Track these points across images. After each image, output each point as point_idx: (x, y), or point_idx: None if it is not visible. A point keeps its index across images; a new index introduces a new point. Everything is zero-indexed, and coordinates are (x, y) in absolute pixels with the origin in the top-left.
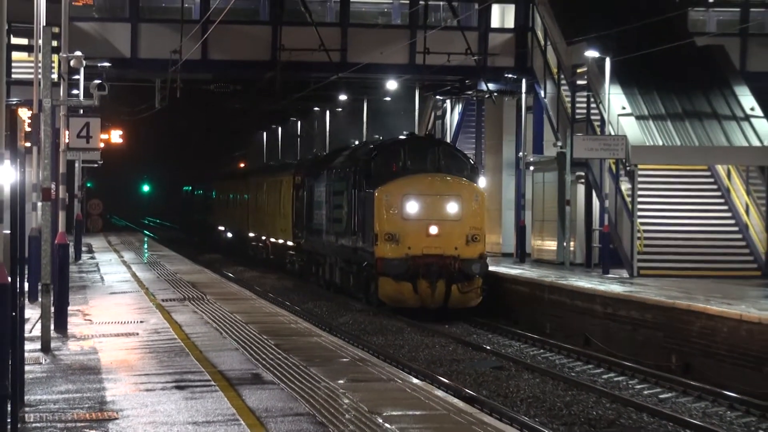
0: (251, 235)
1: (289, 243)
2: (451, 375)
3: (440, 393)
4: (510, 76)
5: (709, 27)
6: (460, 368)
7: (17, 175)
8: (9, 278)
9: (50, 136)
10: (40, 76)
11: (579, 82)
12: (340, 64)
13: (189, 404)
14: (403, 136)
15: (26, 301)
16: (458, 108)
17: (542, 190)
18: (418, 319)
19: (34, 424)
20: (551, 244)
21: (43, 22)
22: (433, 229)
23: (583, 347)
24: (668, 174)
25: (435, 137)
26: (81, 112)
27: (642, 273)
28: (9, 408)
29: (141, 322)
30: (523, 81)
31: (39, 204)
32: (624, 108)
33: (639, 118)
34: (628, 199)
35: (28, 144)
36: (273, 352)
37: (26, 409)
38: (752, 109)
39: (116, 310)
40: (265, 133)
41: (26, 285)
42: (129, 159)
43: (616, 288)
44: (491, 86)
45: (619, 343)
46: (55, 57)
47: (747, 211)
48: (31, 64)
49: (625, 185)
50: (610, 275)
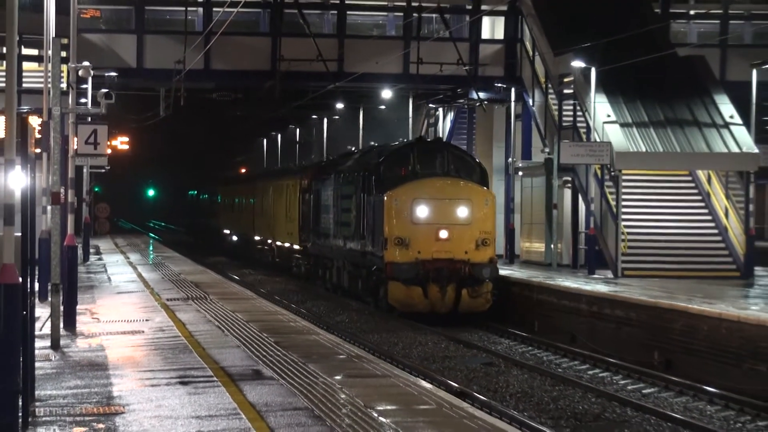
0: (257, 238)
1: (296, 246)
2: (443, 371)
3: (432, 388)
4: (500, 85)
5: (690, 38)
6: (452, 365)
7: (28, 180)
8: (20, 278)
9: (59, 143)
10: (49, 86)
11: (566, 91)
12: (336, 74)
13: (192, 399)
14: (412, 140)
15: (37, 301)
16: (450, 115)
17: (530, 194)
18: (424, 323)
19: (44, 418)
20: (539, 246)
21: (52, 33)
22: (443, 234)
23: (570, 345)
24: (651, 179)
25: (444, 141)
26: (89, 119)
27: (626, 273)
28: (20, 402)
29: (146, 320)
30: (513, 90)
31: (49, 208)
32: (609, 116)
33: (623, 125)
34: (613, 203)
35: (38, 150)
36: (273, 349)
37: (37, 403)
38: (731, 116)
39: (123, 309)
40: (265, 140)
41: (37, 285)
42: (135, 164)
43: (601, 288)
44: (482, 95)
45: (604, 341)
46: (64, 67)
47: (726, 215)
48: (42, 74)
49: (610, 190)
50: (595, 276)
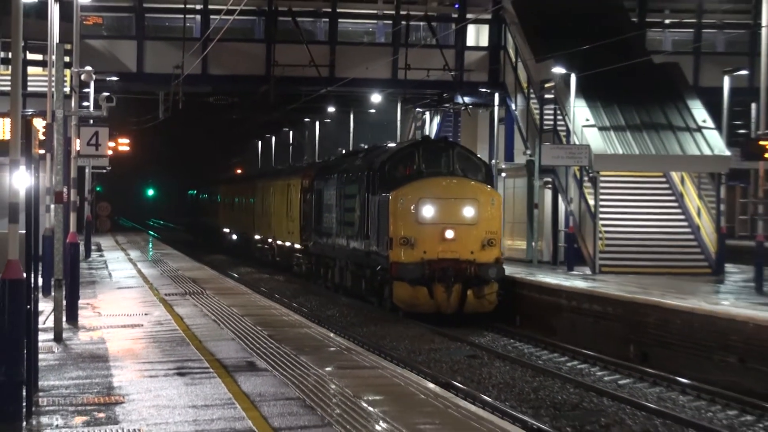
0: (257, 237)
1: (297, 246)
2: (429, 363)
3: (419, 379)
4: (484, 90)
5: (665, 46)
6: (437, 357)
7: (32, 179)
8: (24, 274)
9: (62, 144)
10: (53, 89)
11: (547, 96)
12: (328, 79)
13: (189, 389)
14: (418, 139)
15: (40, 295)
16: (437, 119)
17: (513, 194)
18: (430, 323)
19: (47, 408)
20: (521, 244)
21: (56, 39)
22: (449, 233)
23: (550, 338)
24: (627, 180)
25: (449, 140)
26: (91, 122)
27: (603, 270)
28: (25, 392)
29: (146, 314)
30: (496, 95)
31: (52, 206)
32: (587, 120)
33: (601, 129)
34: (591, 203)
35: (42, 151)
36: (266, 342)
37: (40, 393)
38: (704, 121)
39: (123, 303)
40: (260, 142)
41: (40, 280)
42: (135, 165)
43: (579, 284)
44: (467, 99)
45: (583, 334)
46: (67, 72)
47: (699, 214)
48: (46, 78)
49: (588, 190)
50: (574, 272)
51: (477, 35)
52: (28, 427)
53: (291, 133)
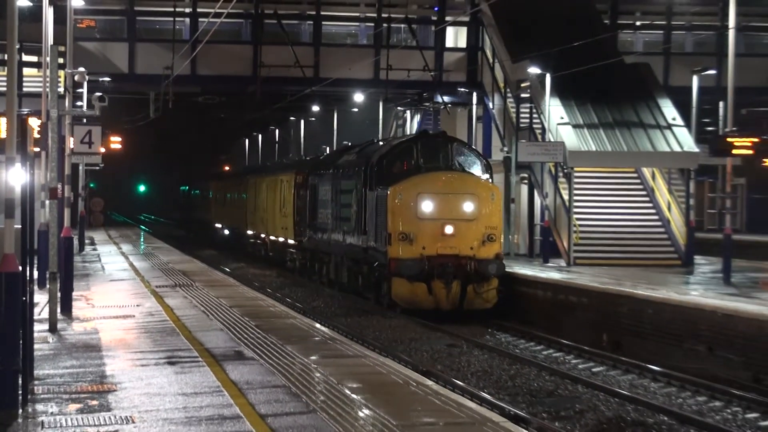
0: (249, 232)
1: (290, 241)
2: (410, 352)
3: (400, 367)
4: (462, 89)
5: (636, 47)
6: (418, 346)
7: (27, 176)
8: (20, 267)
9: (57, 142)
10: (48, 90)
11: (523, 95)
12: (313, 79)
13: (179, 378)
14: (416, 134)
15: (36, 288)
16: (417, 117)
17: None
18: (429, 320)
19: (42, 396)
20: None
21: (51, 41)
22: (449, 229)
23: (526, 327)
24: (600, 175)
25: (448, 135)
26: (84, 121)
27: (577, 262)
28: (21, 381)
29: (137, 305)
30: (474, 94)
31: (47, 202)
32: (562, 118)
33: (575, 126)
34: (566, 198)
35: (37, 149)
36: (253, 332)
37: (35, 382)
38: (674, 119)
39: (115, 295)
40: (250, 139)
41: (36, 273)
42: (127, 162)
43: (555, 275)
44: (446, 98)
45: (558, 324)
46: (61, 73)
47: (669, 208)
48: (40, 79)
49: (563, 185)
50: (549, 264)
51: (455, 37)
52: (24, 414)
53: (277, 131)
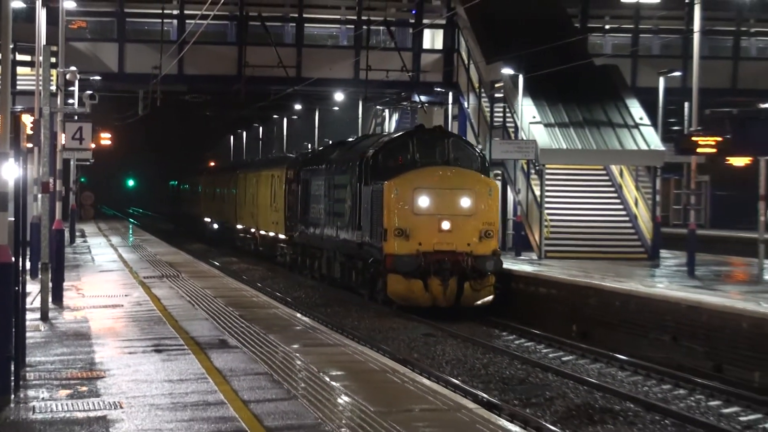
0: (239, 226)
1: (281, 236)
2: (388, 341)
3: (378, 356)
4: (439, 89)
5: (605, 49)
6: (396, 335)
7: (20, 171)
8: (13, 258)
9: (49, 138)
10: (40, 88)
11: (496, 95)
12: (295, 79)
13: (166, 365)
14: (412, 128)
15: (28, 278)
16: (395, 116)
17: None
18: (425, 317)
19: (34, 382)
20: None
21: (43, 42)
22: (445, 225)
23: (499, 318)
24: (571, 172)
25: (444, 129)
26: (75, 118)
27: (548, 255)
28: (13, 368)
29: (126, 295)
30: (450, 94)
31: (39, 196)
32: (534, 117)
33: (547, 125)
34: (537, 194)
35: (30, 145)
36: (237, 321)
37: (27, 369)
38: (641, 118)
39: (105, 285)
40: (232, 137)
41: (28, 264)
42: (116, 158)
43: (526, 268)
44: (423, 98)
45: (529, 314)
46: (53, 72)
47: (636, 204)
48: (33, 78)
49: (535, 182)
50: (521, 257)
51: (432, 39)
52: (16, 400)
53: (261, 129)
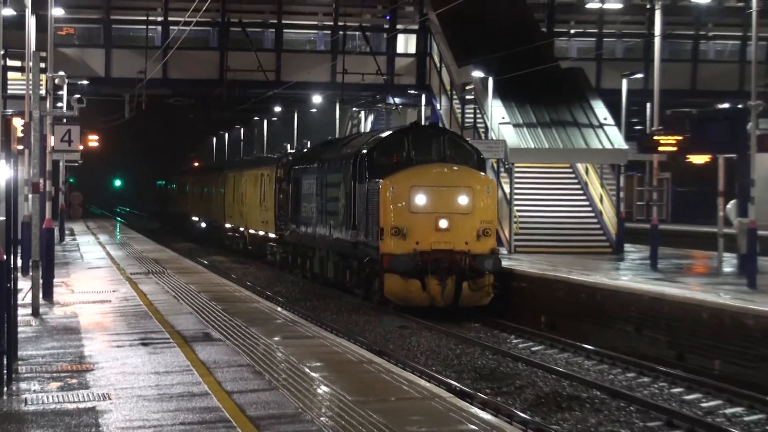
0: (228, 225)
1: (271, 235)
2: (365, 333)
3: (356, 347)
4: (412, 92)
5: (571, 53)
6: (372, 327)
7: (12, 172)
8: (5, 256)
9: (39, 141)
10: (30, 92)
11: (467, 97)
12: (275, 82)
13: (152, 358)
14: (407, 125)
15: (19, 275)
16: (371, 118)
17: None
18: (423, 317)
19: (25, 375)
20: None
21: (33, 48)
22: (443, 223)
23: (471, 310)
24: (539, 171)
25: (440, 126)
26: (64, 120)
27: (518, 250)
28: (5, 362)
29: (113, 291)
30: (423, 96)
31: (30, 196)
32: (503, 118)
33: (515, 126)
34: (507, 191)
35: (20, 147)
36: (220, 315)
37: (19, 362)
38: (605, 118)
39: (93, 281)
40: (215, 138)
41: (19, 262)
42: (104, 159)
43: None
44: (397, 100)
45: (500, 307)
46: (43, 76)
47: (601, 201)
48: (23, 82)
49: (505, 180)
50: None
51: (406, 43)
52: (8, 392)
53: (242, 130)
